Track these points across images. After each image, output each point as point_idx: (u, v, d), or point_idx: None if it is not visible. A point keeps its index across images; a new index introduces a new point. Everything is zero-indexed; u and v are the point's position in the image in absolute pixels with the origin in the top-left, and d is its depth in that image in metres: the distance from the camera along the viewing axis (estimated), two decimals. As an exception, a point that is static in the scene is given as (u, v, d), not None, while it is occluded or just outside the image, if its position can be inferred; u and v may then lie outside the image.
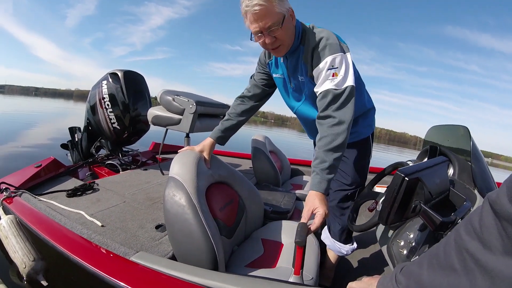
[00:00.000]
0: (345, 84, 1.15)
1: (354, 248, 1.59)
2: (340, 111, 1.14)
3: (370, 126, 1.55)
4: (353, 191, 1.51)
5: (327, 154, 1.11)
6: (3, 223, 1.53)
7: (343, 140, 1.13)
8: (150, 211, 1.72)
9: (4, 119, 11.02)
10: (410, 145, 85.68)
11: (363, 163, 1.53)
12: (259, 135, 2.70)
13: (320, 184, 1.09)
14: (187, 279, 1.02)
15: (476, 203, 1.05)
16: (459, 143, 1.45)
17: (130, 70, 2.66)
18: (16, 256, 1.44)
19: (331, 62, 1.16)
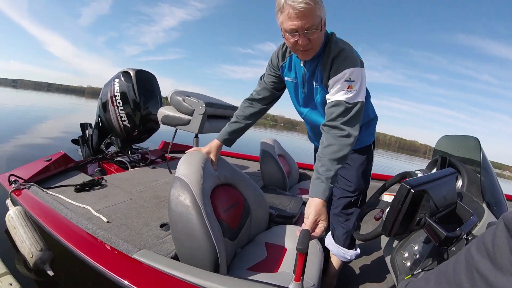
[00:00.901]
0: (357, 99, 1.17)
1: (358, 253, 1.58)
2: (349, 125, 1.16)
3: (372, 134, 1.57)
4: (356, 198, 1.51)
5: (332, 163, 1.12)
6: (11, 214, 1.56)
7: (347, 152, 1.14)
8: (156, 210, 1.73)
9: (17, 112, 11.20)
10: (420, 153, 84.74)
11: (365, 170, 1.54)
12: (269, 139, 2.70)
13: (325, 192, 1.09)
14: (187, 279, 1.02)
15: (484, 217, 1.03)
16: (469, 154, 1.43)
17: (142, 70, 2.69)
18: (23, 246, 1.47)
19: (349, 75, 1.16)
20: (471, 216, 0.95)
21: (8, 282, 1.19)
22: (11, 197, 1.67)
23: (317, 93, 1.35)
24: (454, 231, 0.83)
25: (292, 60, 1.37)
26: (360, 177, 1.51)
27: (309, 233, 1.02)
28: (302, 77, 1.36)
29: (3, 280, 1.19)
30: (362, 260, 1.95)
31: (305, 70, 1.33)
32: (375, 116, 1.57)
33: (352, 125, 1.16)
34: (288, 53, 1.37)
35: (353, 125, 1.16)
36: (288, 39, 1.17)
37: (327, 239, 1.62)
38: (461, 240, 0.85)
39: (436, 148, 1.75)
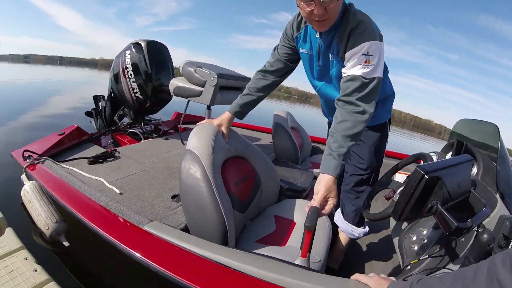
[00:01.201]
0: (374, 74, 1.12)
1: (366, 231, 1.57)
2: (365, 101, 1.11)
3: (388, 111, 1.51)
4: (368, 176, 1.48)
5: (345, 140, 1.09)
6: (26, 188, 1.60)
7: (362, 129, 1.11)
8: (168, 181, 1.75)
9: (30, 87, 11.34)
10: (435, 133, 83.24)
11: (379, 148, 1.49)
12: (282, 111, 2.66)
13: (336, 169, 1.07)
14: (196, 251, 1.03)
15: (496, 209, 1.01)
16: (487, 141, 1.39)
17: (153, 40, 2.65)
18: (39, 219, 1.51)
19: (367, 48, 1.10)
20: (483, 207, 0.92)
21: (24, 257, 1.22)
22: (26, 172, 1.70)
23: (333, 66, 1.30)
24: (465, 222, 0.81)
25: (307, 31, 1.31)
26: (373, 155, 1.47)
27: (317, 210, 1.01)
28: (317, 49, 1.30)
29: (18, 255, 1.22)
30: (371, 237, 1.94)
31: (321, 42, 1.27)
32: (392, 92, 1.50)
33: (368, 101, 1.12)
34: (304, 24, 1.31)
35: (369, 101, 1.12)
36: (303, 8, 1.11)
37: (336, 216, 1.61)
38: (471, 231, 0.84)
39: (454, 131, 1.71)
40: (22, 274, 1.13)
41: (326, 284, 0.89)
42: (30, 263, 1.19)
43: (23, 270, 1.15)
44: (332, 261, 1.63)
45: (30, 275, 1.13)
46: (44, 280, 1.12)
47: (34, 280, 1.11)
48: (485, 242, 0.76)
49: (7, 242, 1.28)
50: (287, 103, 36.61)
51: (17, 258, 1.21)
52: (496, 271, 0.49)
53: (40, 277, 1.13)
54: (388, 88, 1.47)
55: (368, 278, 0.85)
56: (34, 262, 1.20)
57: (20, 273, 1.14)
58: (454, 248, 0.94)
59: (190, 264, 1.00)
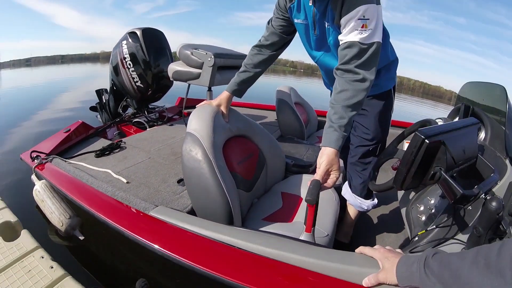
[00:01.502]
0: (372, 39, 1.05)
1: (375, 203, 1.54)
2: (364, 68, 1.06)
3: (392, 78, 1.44)
4: (375, 146, 1.44)
5: (346, 110, 1.05)
6: (38, 188, 1.63)
7: (362, 98, 1.06)
8: (173, 166, 1.76)
9: (34, 90, 11.41)
10: (445, 99, 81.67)
11: (385, 118, 1.43)
12: (284, 86, 2.62)
13: (337, 141, 1.04)
14: (201, 233, 1.04)
15: (506, 175, 0.97)
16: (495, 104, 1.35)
17: (149, 28, 2.61)
18: (53, 216, 1.55)
19: (363, 12, 1.04)
20: (492, 173, 0.87)
21: (40, 256, 1.24)
22: (35, 172, 1.72)
23: (330, 34, 1.24)
24: (471, 189, 0.76)
25: (301, 0, 1.25)
26: (378, 124, 1.42)
27: (319, 183, 0.99)
28: (312, 18, 1.24)
29: (35, 255, 1.25)
30: (380, 209, 1.92)
31: (315, 10, 1.20)
32: (395, 58, 1.43)
33: (368, 68, 1.06)
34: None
35: (369, 68, 1.06)
36: None
37: (344, 189, 1.59)
38: (479, 199, 0.79)
39: (460, 95, 1.65)
40: (39, 272, 1.16)
41: (330, 258, 0.88)
42: (46, 261, 1.22)
43: (40, 268, 1.18)
44: (341, 235, 1.62)
45: (47, 272, 1.16)
46: (60, 276, 1.15)
47: (51, 277, 1.14)
48: (494, 210, 0.72)
49: (23, 243, 1.31)
50: (293, 77, 36.09)
51: (34, 257, 1.24)
52: None
53: (57, 273, 1.16)
54: (391, 54, 1.40)
55: (373, 251, 0.83)
56: (50, 259, 1.23)
57: (37, 271, 1.17)
58: (462, 217, 0.91)
59: (194, 246, 1.01)
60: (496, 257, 0.50)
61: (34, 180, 1.72)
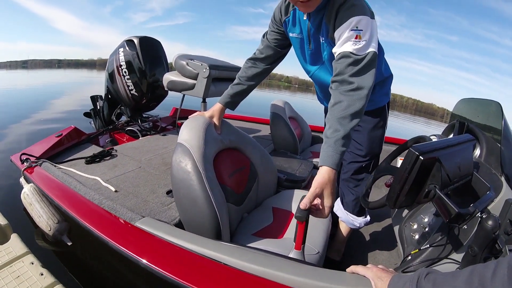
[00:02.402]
0: (367, 50, 1.01)
1: (367, 221, 1.53)
2: (359, 77, 0.99)
3: (386, 94, 1.44)
4: (368, 163, 1.43)
5: (341, 122, 0.95)
6: (26, 191, 1.60)
7: (361, 106, 0.97)
8: (164, 176, 1.73)
9: (29, 92, 11.36)
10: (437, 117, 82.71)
11: (378, 134, 1.44)
12: (279, 100, 2.62)
13: (332, 158, 0.93)
14: (186, 246, 1.02)
15: (501, 193, 0.96)
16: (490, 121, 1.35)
17: (146, 36, 2.62)
18: (41, 220, 1.52)
19: (356, 23, 1.02)
20: (487, 191, 0.87)
21: (30, 261, 1.22)
22: (24, 175, 1.70)
23: (324, 49, 1.24)
24: (467, 207, 0.74)
25: (296, 14, 1.26)
26: (372, 140, 1.42)
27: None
28: (307, 32, 1.25)
29: (24, 260, 1.23)
30: (373, 227, 1.91)
31: (310, 24, 1.21)
32: (389, 75, 1.44)
33: (364, 76, 1.00)
34: (292, 7, 1.25)
35: (365, 76, 1.00)
36: None
37: (336, 205, 1.58)
38: (474, 217, 0.77)
39: (454, 112, 1.66)
40: (29, 279, 1.13)
41: (321, 277, 0.85)
42: (36, 267, 1.19)
43: (30, 274, 1.16)
44: (332, 253, 1.60)
45: (37, 279, 1.13)
46: (50, 283, 1.12)
47: (41, 284, 1.11)
48: (490, 229, 0.70)
49: (13, 248, 1.29)
50: (288, 92, 36.40)
51: (24, 263, 1.21)
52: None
53: (47, 281, 1.13)
54: (385, 70, 1.40)
55: (366, 270, 0.80)
56: (40, 266, 1.21)
57: (27, 277, 1.14)
58: (457, 236, 0.89)
59: (180, 260, 0.98)
60: (491, 278, 0.49)
61: (22, 183, 1.69)
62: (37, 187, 1.59)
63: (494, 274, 0.49)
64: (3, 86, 13.43)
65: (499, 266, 0.50)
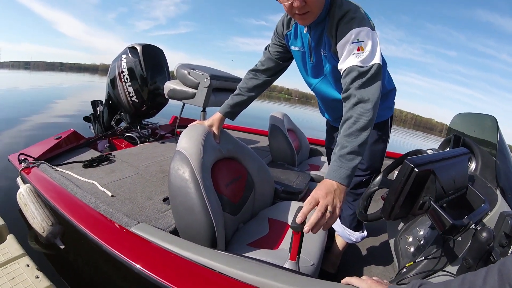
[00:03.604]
0: (372, 62, 1.01)
1: (364, 236, 1.52)
2: (364, 90, 0.99)
3: (390, 108, 1.43)
4: (368, 177, 1.42)
5: (348, 138, 0.95)
6: (22, 192, 1.60)
7: (367, 120, 0.96)
8: (160, 184, 1.73)
9: (31, 94, 11.39)
10: (436, 131, 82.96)
11: (380, 148, 1.43)
12: (278, 112, 2.64)
13: (336, 172, 0.92)
14: (181, 253, 1.02)
15: (496, 205, 0.97)
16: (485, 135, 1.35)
17: (148, 44, 2.65)
18: (35, 222, 1.52)
19: (356, 35, 1.02)
20: (482, 204, 0.87)
21: (25, 264, 1.21)
22: (21, 175, 1.70)
23: (326, 62, 1.25)
24: (461, 219, 0.75)
25: (297, 28, 1.28)
26: (373, 154, 1.41)
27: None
28: (308, 45, 1.27)
29: (20, 262, 1.22)
30: (370, 240, 1.91)
31: (310, 38, 1.23)
32: (393, 88, 1.43)
33: (369, 88, 0.99)
34: (293, 21, 1.28)
35: (371, 88, 0.99)
36: (283, 2, 1.07)
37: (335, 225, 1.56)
38: (469, 229, 0.77)
39: (451, 127, 1.67)
40: (24, 281, 1.13)
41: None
42: (32, 270, 1.19)
43: (25, 277, 1.15)
44: (328, 265, 1.59)
45: (32, 282, 1.13)
46: (46, 287, 1.12)
47: (36, 287, 1.10)
48: (484, 241, 0.71)
49: (8, 249, 1.28)
50: (288, 104, 36.57)
51: (19, 265, 1.21)
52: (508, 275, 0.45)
53: (42, 284, 1.12)
54: (388, 83, 1.39)
55: (360, 281, 0.80)
56: (36, 269, 1.20)
57: (22, 279, 1.13)
58: (452, 249, 0.90)
59: (174, 267, 0.98)
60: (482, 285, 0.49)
61: (19, 183, 1.70)
62: (34, 188, 1.59)
63: (485, 282, 0.49)
64: (6, 86, 13.47)
65: (489, 272, 0.50)
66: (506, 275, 0.46)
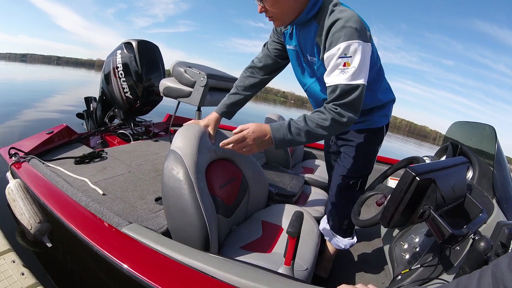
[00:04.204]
0: (356, 81, 1.01)
1: (354, 242, 1.50)
2: (346, 108, 1.03)
3: (386, 116, 1.41)
4: (355, 181, 1.40)
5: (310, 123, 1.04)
6: (11, 187, 1.56)
7: (331, 130, 1.05)
8: (153, 183, 1.71)
9: (26, 87, 11.28)
10: (430, 139, 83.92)
11: (370, 153, 1.42)
12: (273, 114, 2.63)
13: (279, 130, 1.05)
14: (173, 256, 0.99)
15: (493, 215, 0.97)
16: (483, 144, 1.36)
17: (144, 40, 2.61)
18: (23, 218, 1.47)
19: (344, 50, 0.99)
20: (480, 213, 0.87)
21: (11, 259, 1.17)
22: (11, 170, 1.67)
23: (318, 67, 1.23)
24: (460, 228, 0.75)
25: (294, 27, 1.25)
26: (362, 158, 1.40)
27: (302, 216, 0.97)
28: (299, 47, 1.26)
29: (6, 258, 1.18)
30: (362, 245, 1.90)
31: (300, 39, 1.22)
32: (391, 100, 1.41)
33: (349, 110, 1.03)
34: None
35: (350, 110, 1.03)
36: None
37: (322, 224, 1.56)
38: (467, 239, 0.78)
39: (447, 135, 1.67)
40: (9, 278, 1.09)
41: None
42: (18, 266, 1.15)
43: (10, 273, 1.11)
44: (320, 269, 1.58)
45: (17, 279, 1.09)
46: (31, 285, 1.08)
47: (21, 284, 1.07)
48: (482, 251, 0.71)
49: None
50: (283, 107, 36.68)
51: (4, 260, 1.17)
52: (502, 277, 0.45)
53: (28, 281, 1.09)
54: (385, 96, 1.37)
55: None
56: (22, 265, 1.16)
57: (7, 276, 1.09)
58: (448, 257, 0.90)
59: (166, 270, 0.95)
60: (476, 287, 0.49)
61: (8, 177, 1.66)
62: (23, 184, 1.55)
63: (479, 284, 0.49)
64: (1, 78, 13.30)
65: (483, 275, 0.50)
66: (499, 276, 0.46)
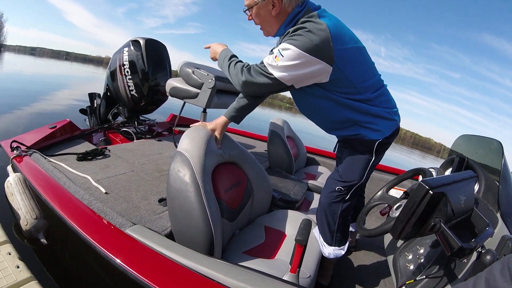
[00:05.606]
0: (273, 72, 1.12)
1: (340, 254, 1.42)
2: (248, 74, 1.17)
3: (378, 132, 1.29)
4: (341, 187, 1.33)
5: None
6: (10, 180, 1.54)
7: (229, 73, 1.27)
8: (156, 183, 1.69)
9: (34, 80, 11.35)
10: (434, 152, 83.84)
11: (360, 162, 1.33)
12: (278, 119, 2.61)
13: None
14: (177, 260, 0.98)
15: (497, 229, 0.97)
16: (489, 159, 1.36)
17: (152, 39, 2.61)
18: (19, 213, 1.46)
19: (284, 49, 1.07)
20: (487, 227, 0.87)
21: (7, 251, 1.16)
22: (12, 163, 1.65)
23: None
24: (468, 242, 0.76)
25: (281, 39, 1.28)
26: (350, 166, 1.34)
27: (311, 224, 0.96)
28: None
29: (2, 249, 1.17)
30: (363, 253, 1.89)
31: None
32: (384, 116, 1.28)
33: (250, 74, 1.17)
34: None
35: (251, 75, 1.17)
36: None
37: (315, 232, 1.50)
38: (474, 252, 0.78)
39: (453, 148, 1.67)
40: (3, 270, 1.07)
41: None
42: (13, 259, 1.13)
43: (5, 265, 1.09)
44: (321, 277, 1.55)
45: (12, 271, 1.07)
46: (25, 278, 1.06)
47: (16, 277, 1.05)
48: (488, 264, 0.72)
49: None
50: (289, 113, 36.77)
51: (1, 252, 1.15)
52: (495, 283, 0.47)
53: (22, 275, 1.07)
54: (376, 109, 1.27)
55: None
56: (18, 258, 1.15)
57: (1, 268, 1.08)
58: (453, 269, 0.90)
59: (170, 273, 0.93)
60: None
61: (9, 171, 1.64)
62: (23, 178, 1.53)
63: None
64: (10, 70, 13.39)
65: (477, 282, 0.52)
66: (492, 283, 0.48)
